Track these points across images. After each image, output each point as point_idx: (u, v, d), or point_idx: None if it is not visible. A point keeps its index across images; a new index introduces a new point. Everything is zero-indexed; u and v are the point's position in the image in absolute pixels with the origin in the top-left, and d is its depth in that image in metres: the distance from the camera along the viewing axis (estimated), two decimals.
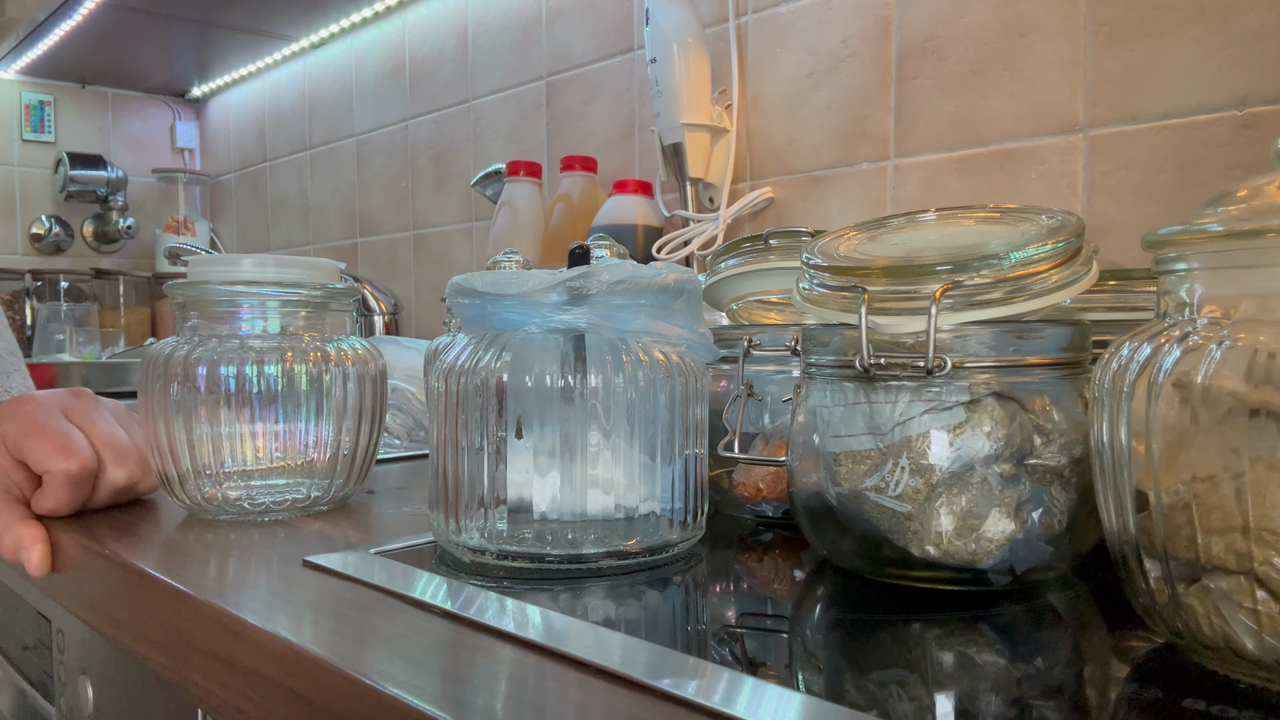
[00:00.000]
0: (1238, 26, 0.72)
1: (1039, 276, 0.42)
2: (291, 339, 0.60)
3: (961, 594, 0.42)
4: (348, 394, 0.61)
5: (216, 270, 0.60)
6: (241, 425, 0.58)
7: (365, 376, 0.62)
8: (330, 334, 0.62)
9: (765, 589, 0.47)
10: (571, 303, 0.46)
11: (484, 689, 0.32)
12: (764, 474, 0.56)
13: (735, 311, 0.67)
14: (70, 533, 0.55)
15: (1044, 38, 0.83)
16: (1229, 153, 0.73)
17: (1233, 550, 0.31)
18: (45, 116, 2.15)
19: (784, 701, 0.30)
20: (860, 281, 0.43)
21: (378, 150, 1.70)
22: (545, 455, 0.47)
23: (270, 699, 0.38)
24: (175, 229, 2.16)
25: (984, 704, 0.32)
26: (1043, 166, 0.83)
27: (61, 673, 0.68)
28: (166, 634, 0.45)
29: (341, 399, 0.60)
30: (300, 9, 1.63)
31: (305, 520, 0.58)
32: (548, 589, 0.43)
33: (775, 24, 1.04)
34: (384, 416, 0.65)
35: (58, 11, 1.65)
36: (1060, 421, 0.42)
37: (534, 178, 1.25)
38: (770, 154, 1.05)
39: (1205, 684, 0.32)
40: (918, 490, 0.41)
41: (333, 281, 0.62)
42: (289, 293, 0.60)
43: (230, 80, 2.10)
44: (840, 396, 0.44)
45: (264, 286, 0.60)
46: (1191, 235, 0.33)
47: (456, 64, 1.51)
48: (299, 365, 0.59)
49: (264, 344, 0.59)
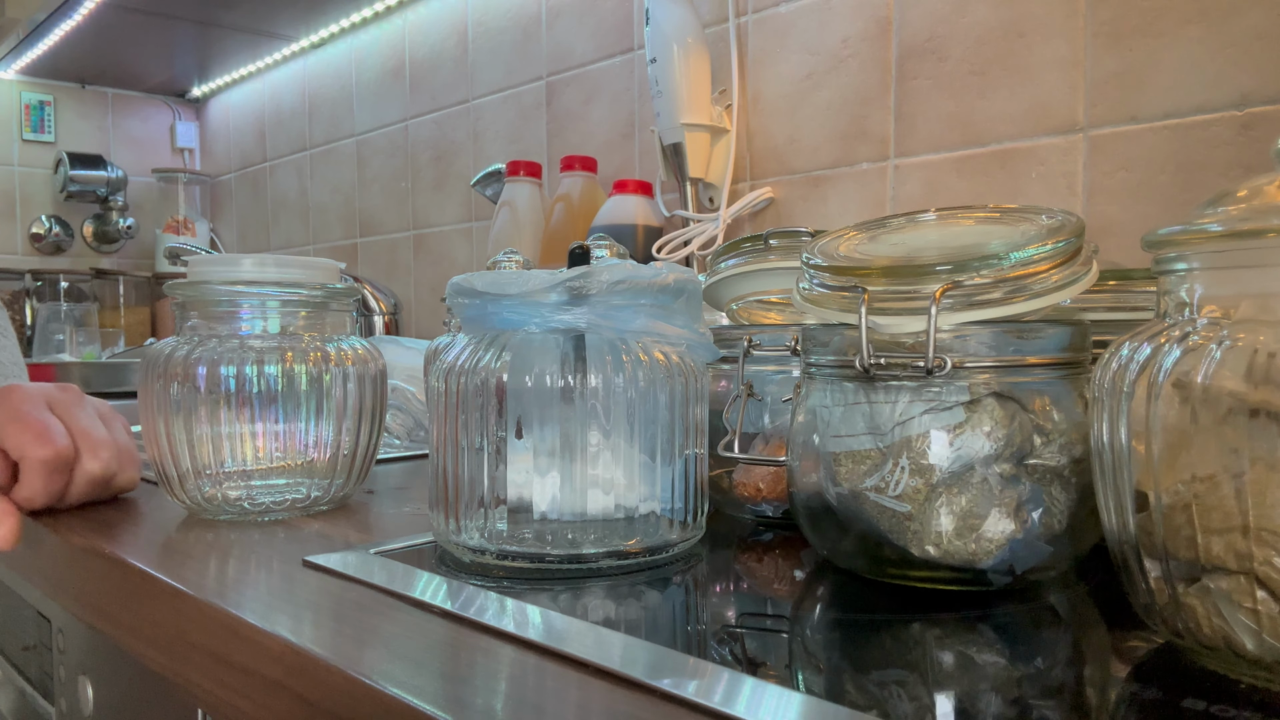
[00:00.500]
0: (1238, 26, 0.72)
1: (1039, 276, 0.42)
2: (291, 339, 0.60)
3: (961, 594, 0.42)
4: (348, 394, 0.61)
5: (216, 270, 0.60)
6: (241, 425, 0.58)
7: (365, 376, 0.62)
8: (330, 334, 0.62)
9: (765, 589, 0.47)
10: (571, 303, 0.46)
11: (484, 689, 0.32)
12: (764, 474, 0.56)
13: (735, 311, 0.67)
14: (70, 532, 0.55)
15: (1044, 38, 0.83)
16: (1229, 153, 0.73)
17: (1233, 550, 0.31)
18: (45, 116, 2.15)
19: (784, 701, 0.30)
20: (860, 281, 0.43)
21: (378, 150, 1.70)
22: (545, 455, 0.47)
23: (270, 699, 0.38)
24: (175, 229, 2.16)
25: (984, 704, 0.32)
26: (1043, 166, 0.83)
27: (61, 673, 0.68)
28: (166, 634, 0.45)
29: (341, 399, 0.60)
30: (300, 9, 1.63)
31: (305, 520, 0.58)
32: (548, 589, 0.43)
33: (775, 24, 1.04)
34: (384, 416, 0.65)
35: (58, 11, 1.65)
36: (1060, 421, 0.42)
37: (534, 178, 1.25)
38: (770, 154, 1.05)
39: (1205, 684, 0.32)
40: (918, 490, 0.41)
41: (333, 281, 0.62)
42: (289, 292, 0.60)
43: (230, 80, 2.10)
44: (840, 396, 0.44)
45: (264, 286, 0.60)
46: (1191, 235, 0.33)
47: (456, 64, 1.51)
48: (299, 365, 0.59)
49: (264, 344, 0.59)
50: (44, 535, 0.58)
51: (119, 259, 2.26)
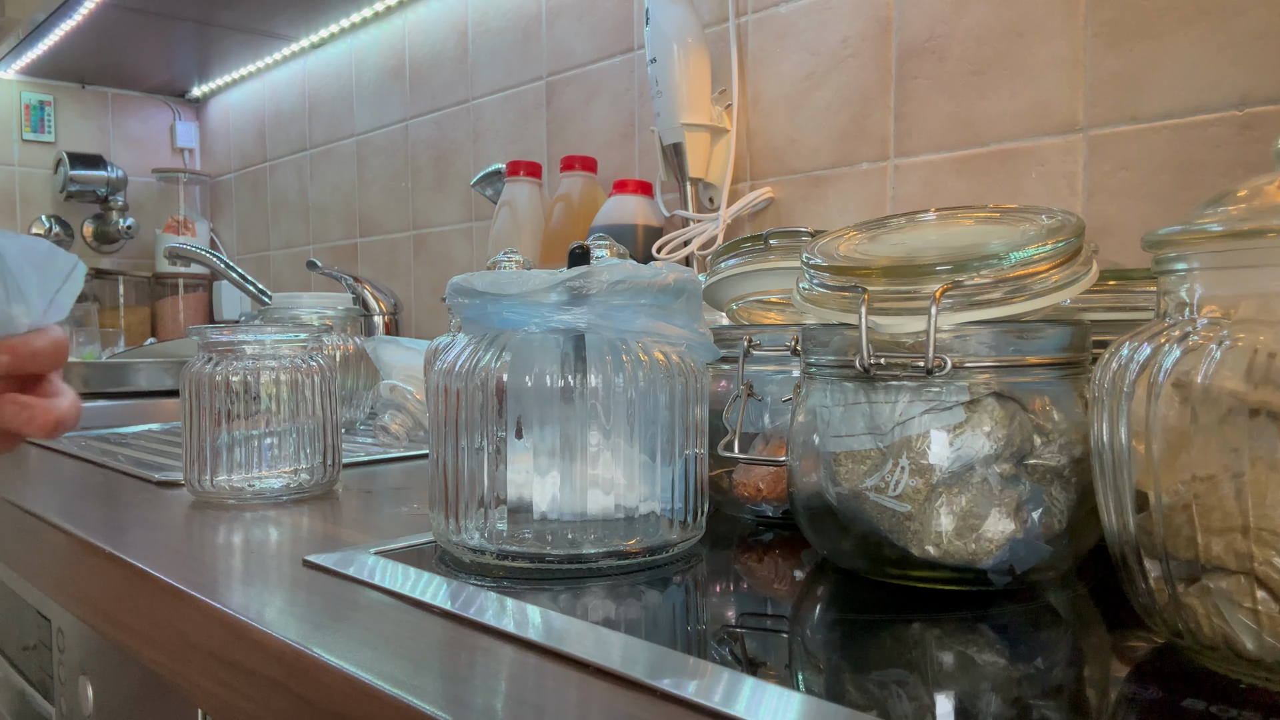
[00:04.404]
0: (1238, 26, 0.72)
1: (1039, 276, 0.42)
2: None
3: (961, 594, 0.42)
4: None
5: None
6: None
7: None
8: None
9: (765, 589, 0.47)
10: (571, 303, 0.46)
11: (484, 689, 0.32)
12: (764, 474, 0.56)
13: (735, 311, 0.67)
14: (70, 532, 0.55)
15: (1044, 38, 0.83)
16: (1229, 153, 0.73)
17: (1233, 550, 0.31)
18: (45, 116, 2.15)
19: (784, 701, 0.30)
20: (860, 281, 0.43)
21: (378, 150, 1.70)
22: (545, 455, 0.47)
23: (270, 699, 0.38)
24: (175, 229, 2.16)
25: (984, 704, 0.32)
26: (1043, 166, 0.83)
27: (61, 673, 0.68)
28: (166, 634, 0.45)
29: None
30: (300, 9, 1.63)
31: (305, 520, 0.58)
32: (548, 589, 0.43)
33: (775, 24, 1.04)
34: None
35: (58, 11, 1.65)
36: (1060, 421, 0.42)
37: (534, 178, 1.25)
38: (770, 154, 1.05)
39: (1205, 684, 0.32)
40: (918, 490, 0.41)
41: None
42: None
43: (230, 80, 2.10)
44: (840, 396, 0.44)
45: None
46: (1191, 235, 0.33)
47: (456, 64, 1.51)
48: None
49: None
50: (44, 535, 0.58)
51: (119, 259, 2.26)
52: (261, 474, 0.65)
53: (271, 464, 0.65)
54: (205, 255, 1.59)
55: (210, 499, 0.63)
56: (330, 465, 0.67)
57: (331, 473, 0.67)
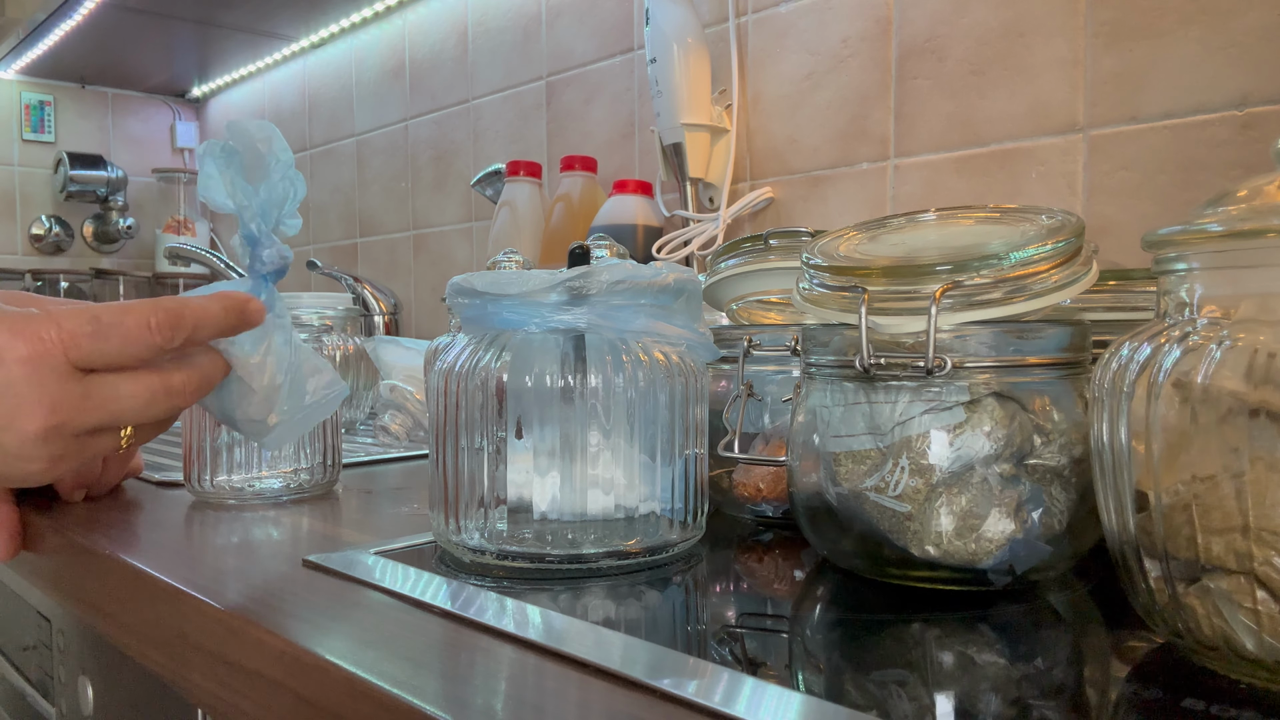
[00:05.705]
0: (1238, 26, 0.72)
1: (1039, 276, 0.42)
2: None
3: (961, 594, 0.42)
4: None
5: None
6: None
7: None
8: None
9: (765, 589, 0.47)
10: (571, 303, 0.46)
11: (484, 689, 0.32)
12: (764, 474, 0.56)
13: (735, 311, 0.67)
14: (70, 532, 0.55)
15: (1044, 38, 0.83)
16: (1229, 153, 0.73)
17: (1233, 550, 0.31)
18: (45, 116, 2.15)
19: (784, 701, 0.30)
20: (860, 281, 0.43)
21: (378, 150, 1.70)
22: (545, 455, 0.47)
23: (270, 699, 0.38)
24: (175, 229, 2.16)
25: (984, 704, 0.32)
26: (1043, 166, 0.83)
27: (61, 673, 0.68)
28: (166, 634, 0.45)
29: None
30: (300, 9, 1.63)
31: (305, 520, 0.58)
32: (548, 589, 0.43)
33: (775, 24, 1.04)
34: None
35: (58, 11, 1.65)
36: (1060, 421, 0.42)
37: (534, 178, 1.25)
38: (770, 154, 1.05)
39: (1205, 684, 0.32)
40: (918, 490, 0.41)
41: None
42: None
43: (230, 80, 2.10)
44: (840, 396, 0.44)
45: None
46: (1191, 235, 0.33)
47: (456, 64, 1.51)
48: None
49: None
50: (44, 535, 0.58)
51: (119, 259, 2.26)
52: (261, 474, 0.65)
53: (271, 464, 0.65)
54: (205, 255, 1.59)
55: (210, 499, 0.63)
56: (330, 465, 0.67)
57: (331, 473, 0.67)
